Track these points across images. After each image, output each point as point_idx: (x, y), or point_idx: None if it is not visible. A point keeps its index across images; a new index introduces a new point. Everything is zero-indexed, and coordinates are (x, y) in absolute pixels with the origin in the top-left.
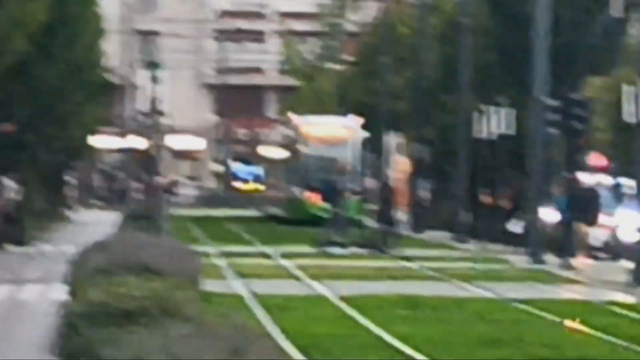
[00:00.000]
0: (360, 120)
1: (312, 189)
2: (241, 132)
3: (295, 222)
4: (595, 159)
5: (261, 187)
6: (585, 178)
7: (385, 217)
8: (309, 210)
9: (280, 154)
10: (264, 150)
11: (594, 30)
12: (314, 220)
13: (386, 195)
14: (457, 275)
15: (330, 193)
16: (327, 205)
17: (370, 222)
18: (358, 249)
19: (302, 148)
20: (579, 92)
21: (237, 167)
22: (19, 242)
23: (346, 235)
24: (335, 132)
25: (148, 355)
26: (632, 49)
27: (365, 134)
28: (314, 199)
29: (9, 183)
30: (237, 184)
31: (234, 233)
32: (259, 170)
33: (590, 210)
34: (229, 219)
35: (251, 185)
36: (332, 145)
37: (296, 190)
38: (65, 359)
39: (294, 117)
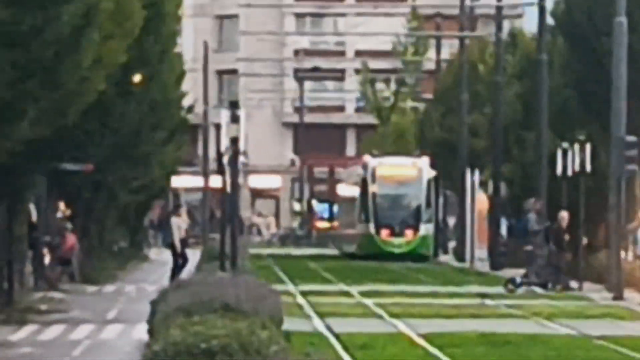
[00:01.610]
0: (428, 160)
1: (383, 226)
2: (320, 171)
3: (368, 257)
4: None
5: (335, 224)
6: None
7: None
8: (380, 246)
9: (355, 192)
10: (340, 189)
11: None
12: (385, 255)
13: (558, 236)
14: (537, 312)
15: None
16: (396, 241)
17: (446, 259)
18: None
19: (373, 187)
20: None
21: (319, 205)
22: (95, 282)
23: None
24: (404, 171)
25: None
26: None
27: (433, 173)
28: (385, 235)
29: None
30: (318, 223)
31: (313, 271)
32: (333, 208)
33: None
34: (308, 257)
35: (327, 223)
36: (401, 183)
37: (368, 227)
38: None
39: (366, 157)
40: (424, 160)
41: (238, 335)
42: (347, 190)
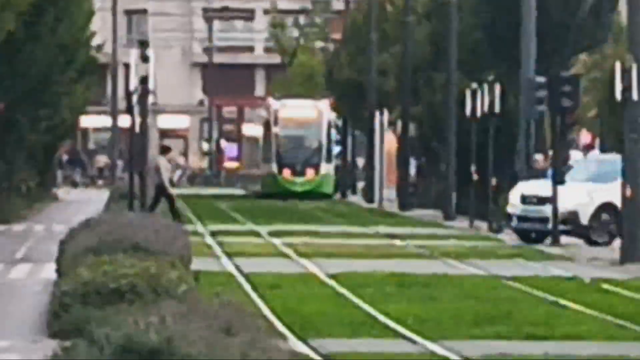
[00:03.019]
0: (328, 102)
1: (285, 166)
2: (229, 111)
3: (271, 196)
4: (584, 136)
5: (240, 164)
6: (575, 155)
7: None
8: (284, 185)
9: (260, 132)
10: (246, 129)
11: (584, 7)
12: (287, 194)
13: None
14: (447, 253)
15: None
16: (298, 179)
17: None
18: None
19: (275, 128)
20: (568, 70)
21: (227, 145)
22: (4, 221)
23: None
24: (305, 113)
25: (141, 334)
26: (621, 25)
27: (333, 114)
28: (287, 175)
29: None
30: (227, 163)
31: (222, 211)
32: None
33: None
34: (216, 197)
35: (235, 163)
36: (302, 125)
37: (271, 167)
38: (56, 338)
39: (269, 100)
40: (325, 103)
41: (147, 275)
42: (253, 130)
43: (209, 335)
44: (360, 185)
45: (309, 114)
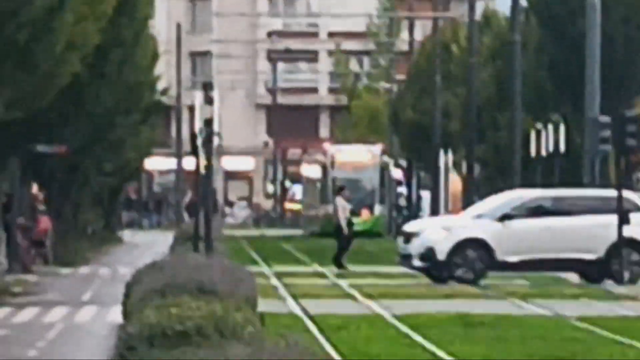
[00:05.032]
0: (381, 147)
1: None
2: (294, 153)
3: (329, 235)
4: None
5: (300, 205)
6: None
7: None
8: None
9: (318, 173)
10: (305, 170)
11: None
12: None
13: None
14: (512, 293)
15: None
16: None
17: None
18: None
19: (332, 172)
20: (631, 109)
21: (292, 187)
22: (70, 264)
23: None
24: (360, 157)
25: None
26: None
27: (385, 159)
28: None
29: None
30: (290, 204)
31: (287, 252)
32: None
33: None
34: (281, 238)
35: (299, 204)
36: (357, 168)
37: (328, 208)
38: None
39: (326, 145)
40: (378, 147)
41: (213, 317)
42: (312, 172)
43: None
44: None
45: (363, 157)
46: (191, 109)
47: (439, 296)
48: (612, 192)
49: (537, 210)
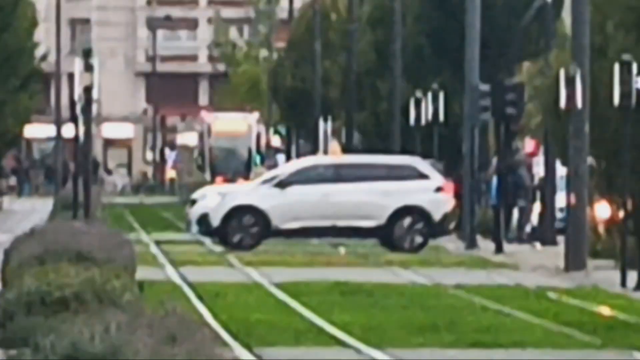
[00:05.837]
0: (257, 115)
1: (219, 174)
2: (173, 120)
3: None
4: (528, 144)
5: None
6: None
7: None
8: None
9: (195, 141)
10: (182, 138)
11: (528, 14)
12: None
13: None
14: (390, 261)
15: None
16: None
17: None
18: None
19: (209, 140)
20: (512, 77)
21: (172, 154)
22: None
23: None
24: (236, 126)
25: (86, 343)
26: (565, 32)
27: (260, 128)
28: (219, 182)
29: None
30: (170, 171)
31: (166, 219)
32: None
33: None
34: (160, 206)
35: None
36: (233, 137)
37: (205, 175)
38: (1, 347)
39: (203, 113)
40: (254, 116)
41: (92, 284)
42: (189, 139)
43: (154, 344)
44: None
45: (240, 126)
46: (71, 76)
47: (319, 264)
48: (400, 160)
49: (317, 177)
